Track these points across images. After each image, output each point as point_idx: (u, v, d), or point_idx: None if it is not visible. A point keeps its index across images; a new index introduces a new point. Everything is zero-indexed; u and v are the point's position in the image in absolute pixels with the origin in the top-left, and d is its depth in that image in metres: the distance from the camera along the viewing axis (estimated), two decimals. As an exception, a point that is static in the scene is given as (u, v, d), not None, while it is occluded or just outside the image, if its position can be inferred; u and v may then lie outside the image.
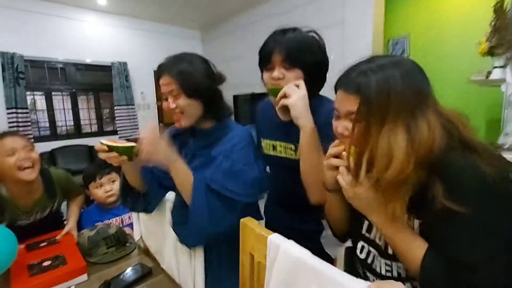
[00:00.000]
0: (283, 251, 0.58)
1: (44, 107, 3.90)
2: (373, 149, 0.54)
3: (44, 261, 1.00)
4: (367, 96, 0.55)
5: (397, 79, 0.53)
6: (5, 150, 1.10)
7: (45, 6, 3.66)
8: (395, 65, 0.56)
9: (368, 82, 0.55)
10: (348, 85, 0.59)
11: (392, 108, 0.53)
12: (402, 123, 0.52)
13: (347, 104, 0.59)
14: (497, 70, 2.01)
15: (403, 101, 0.53)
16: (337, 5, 3.20)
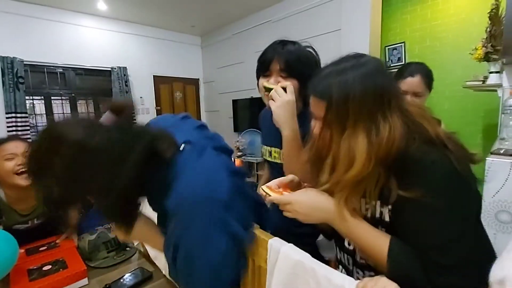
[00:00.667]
0: (283, 254, 0.58)
1: (43, 111, 3.90)
2: (335, 154, 0.57)
3: (44, 265, 0.99)
4: (329, 103, 0.56)
5: (357, 83, 0.54)
6: (4, 154, 1.12)
7: (45, 11, 3.68)
8: (357, 68, 0.56)
9: (329, 88, 0.56)
10: (315, 90, 0.61)
11: (351, 113, 0.54)
12: (362, 127, 0.54)
13: (317, 109, 0.61)
14: (493, 75, 2.04)
15: (363, 105, 0.54)
16: (334, 13, 3.24)
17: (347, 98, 0.54)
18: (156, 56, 4.85)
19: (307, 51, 0.96)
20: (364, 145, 0.53)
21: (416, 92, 1.17)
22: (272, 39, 3.27)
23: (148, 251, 1.14)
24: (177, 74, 5.16)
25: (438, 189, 0.51)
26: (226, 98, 4.95)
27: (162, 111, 5.03)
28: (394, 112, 0.55)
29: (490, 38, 1.95)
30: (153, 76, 4.85)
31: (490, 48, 1.96)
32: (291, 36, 3.64)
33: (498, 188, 1.12)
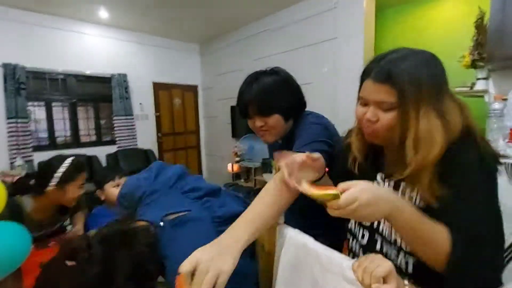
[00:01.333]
0: (289, 237, 0.65)
1: (44, 117, 3.95)
2: (415, 136, 0.58)
3: (55, 258, 1.04)
4: (400, 85, 0.58)
5: (423, 67, 0.59)
6: (81, 184, 1.26)
7: (48, 19, 3.77)
8: (418, 54, 0.61)
9: (399, 71, 0.58)
10: (377, 74, 0.61)
11: (424, 94, 0.57)
12: (433, 109, 0.58)
13: (378, 94, 0.61)
14: (480, 81, 2.14)
15: (432, 87, 0.58)
16: (330, 22, 3.36)
17: (419, 80, 0.57)
18: (155, 63, 4.94)
19: (279, 81, 0.97)
20: (439, 125, 0.57)
21: None
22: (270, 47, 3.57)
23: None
24: (176, 81, 5.25)
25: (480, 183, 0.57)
26: (225, 105, 5.03)
27: (161, 117, 5.10)
28: (449, 96, 0.61)
29: (476, 46, 2.06)
30: (153, 83, 4.94)
31: (477, 55, 2.07)
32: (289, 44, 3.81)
33: (483, 185, 1.20)
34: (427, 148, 0.57)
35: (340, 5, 3.24)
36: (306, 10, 3.60)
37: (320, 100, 3.43)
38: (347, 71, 3.23)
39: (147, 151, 4.68)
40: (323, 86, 3.46)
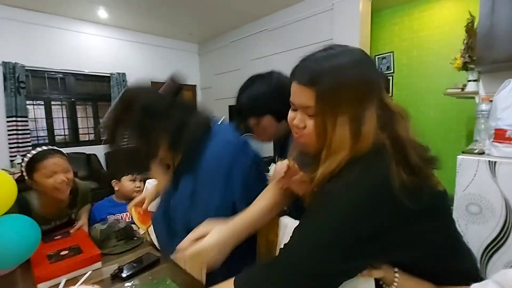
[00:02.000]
0: (290, 227, 0.71)
1: (43, 115, 3.98)
2: (329, 144, 0.52)
3: (61, 251, 1.09)
4: (321, 91, 0.51)
5: (349, 69, 0.51)
6: (45, 172, 1.20)
7: (48, 18, 3.80)
8: (347, 54, 0.54)
9: (320, 74, 0.51)
10: (302, 76, 0.55)
11: (344, 100, 0.51)
12: (350, 117, 0.51)
13: (301, 97, 0.55)
14: (471, 83, 2.21)
15: (355, 92, 0.51)
16: (326, 23, 3.42)
17: (341, 83, 0.50)
18: (154, 63, 4.98)
19: (276, 85, 1.06)
20: (347, 137, 0.51)
21: None
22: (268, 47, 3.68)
23: (153, 241, 1.25)
24: (174, 80, 5.28)
25: None
26: (223, 104, 5.08)
27: (160, 116, 5.14)
28: (376, 102, 0.53)
29: (467, 49, 2.13)
30: (151, 82, 4.95)
31: (468, 58, 2.13)
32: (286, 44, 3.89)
33: (468, 183, 1.26)
34: (329, 162, 0.52)
35: (336, 6, 3.30)
36: (303, 11, 3.66)
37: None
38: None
39: (145, 150, 4.72)
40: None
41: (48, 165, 1.20)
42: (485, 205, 1.23)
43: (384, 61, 4.06)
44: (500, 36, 1.66)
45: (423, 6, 3.65)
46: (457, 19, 3.30)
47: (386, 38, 4.02)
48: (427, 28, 3.64)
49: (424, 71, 3.66)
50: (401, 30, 3.88)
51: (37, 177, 1.20)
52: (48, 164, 1.20)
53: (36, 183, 1.21)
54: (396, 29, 3.92)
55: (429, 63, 3.64)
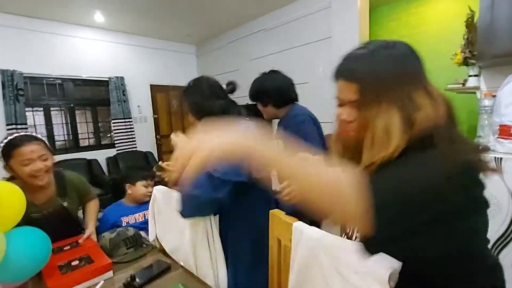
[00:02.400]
0: (306, 234, 0.71)
1: (43, 122, 3.97)
2: (373, 133, 0.55)
3: (72, 261, 1.09)
4: (362, 83, 0.56)
5: (391, 62, 0.56)
6: (21, 160, 1.17)
7: (45, 24, 3.78)
8: (387, 49, 0.57)
9: (361, 67, 0.57)
10: (343, 73, 0.61)
11: (386, 89, 0.54)
12: (396, 106, 0.54)
13: (346, 92, 0.60)
14: (472, 78, 2.21)
15: (397, 83, 0.55)
16: (325, 21, 3.42)
17: (380, 75, 0.55)
18: (152, 66, 4.97)
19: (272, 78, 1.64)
20: (398, 124, 0.53)
21: None
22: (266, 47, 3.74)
23: (164, 247, 1.25)
24: (173, 82, 5.28)
25: None
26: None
27: (159, 119, 5.13)
28: (422, 92, 0.55)
29: (467, 44, 2.13)
30: (150, 85, 4.96)
31: (468, 53, 2.13)
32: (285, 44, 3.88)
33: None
34: (379, 148, 0.54)
35: (334, 4, 3.30)
36: (301, 9, 3.64)
37: (317, 99, 3.48)
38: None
39: (146, 153, 4.71)
40: (319, 85, 3.51)
41: (25, 152, 1.17)
42: (492, 202, 1.23)
43: (383, 58, 4.06)
44: (501, 30, 1.67)
45: (419, 1, 3.65)
46: (455, 14, 3.30)
47: (384, 35, 4.02)
48: (424, 24, 3.65)
49: (423, 66, 3.67)
50: (398, 27, 3.88)
51: (13, 164, 1.18)
52: (24, 152, 1.17)
53: (13, 170, 1.20)
54: (394, 25, 3.92)
55: (427, 58, 3.53)
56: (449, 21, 3.40)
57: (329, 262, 0.65)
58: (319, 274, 0.68)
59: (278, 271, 0.87)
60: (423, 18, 3.64)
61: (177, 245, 1.14)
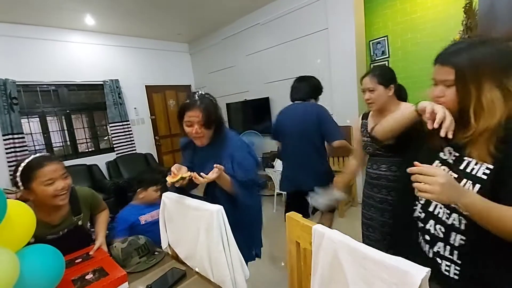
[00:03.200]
0: (328, 237, 0.70)
1: (39, 130, 3.91)
2: (476, 107, 0.72)
3: (86, 274, 1.08)
4: (458, 65, 0.74)
5: (488, 52, 0.73)
6: (45, 180, 1.15)
7: (34, 30, 3.69)
8: (483, 43, 0.75)
9: (459, 52, 0.75)
10: (442, 58, 0.79)
11: (485, 73, 0.71)
12: (495, 85, 0.71)
13: (442, 74, 0.78)
14: (471, 64, 2.20)
15: (495, 68, 0.71)
16: (320, 13, 3.37)
17: (478, 63, 0.72)
18: (146, 66, 4.90)
19: None
20: (499, 99, 0.71)
21: (368, 88, 1.40)
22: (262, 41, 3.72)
23: (178, 254, 1.24)
24: (168, 82, 5.22)
25: None
26: (219, 102, 5.01)
27: (157, 120, 5.09)
28: None
29: (466, 30, 2.11)
30: (145, 86, 4.90)
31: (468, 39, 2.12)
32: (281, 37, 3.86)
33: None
34: (487, 118, 0.71)
35: (328, -6, 3.25)
36: (296, 2, 3.59)
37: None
38: (340, 60, 3.27)
39: (146, 155, 4.68)
40: (317, 77, 3.48)
41: (47, 172, 1.16)
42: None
43: (379, 46, 4.04)
44: (502, 14, 1.64)
45: (413, -13, 3.60)
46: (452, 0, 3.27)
47: (380, 23, 3.98)
48: (420, 10, 3.61)
49: (419, 53, 3.64)
50: (394, 14, 3.84)
51: (36, 186, 1.15)
52: (47, 172, 1.16)
53: (35, 192, 1.16)
54: (389, 13, 3.88)
55: (424, 44, 3.62)
56: (444, 5, 3.36)
57: (354, 269, 0.64)
58: (343, 280, 0.67)
59: (298, 274, 0.87)
60: (419, 4, 3.60)
61: (191, 251, 1.13)
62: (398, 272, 0.57)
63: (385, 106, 1.39)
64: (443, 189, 0.64)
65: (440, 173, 0.65)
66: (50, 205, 1.21)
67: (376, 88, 1.38)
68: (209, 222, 1.01)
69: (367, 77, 1.43)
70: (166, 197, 1.24)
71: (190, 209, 1.11)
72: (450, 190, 0.65)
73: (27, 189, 1.16)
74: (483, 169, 0.72)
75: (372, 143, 1.40)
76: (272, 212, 3.51)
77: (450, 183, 0.65)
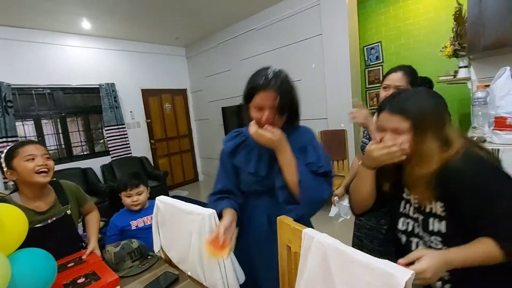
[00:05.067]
0: (317, 240, 0.71)
1: (34, 133, 3.89)
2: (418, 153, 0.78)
3: (78, 278, 1.08)
4: (414, 117, 0.78)
5: (429, 102, 0.80)
6: (25, 156, 1.21)
7: (30, 34, 3.69)
8: (423, 91, 0.85)
9: (409, 105, 0.80)
10: (393, 107, 0.82)
11: (430, 124, 0.78)
12: (435, 135, 0.78)
13: (393, 122, 0.81)
14: (462, 69, 2.24)
15: (435, 116, 0.79)
16: (315, 19, 3.42)
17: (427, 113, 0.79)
18: (142, 70, 4.91)
19: None
20: (436, 148, 0.77)
21: (396, 85, 1.25)
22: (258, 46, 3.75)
23: (170, 258, 1.24)
24: (164, 85, 5.23)
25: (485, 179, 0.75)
26: (216, 106, 5.05)
27: (153, 124, 5.09)
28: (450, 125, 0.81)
29: (456, 37, 2.16)
30: (141, 89, 4.91)
31: (458, 46, 2.16)
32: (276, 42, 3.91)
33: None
34: (424, 166, 0.78)
35: (323, 1, 3.30)
36: (291, 8, 3.64)
37: (310, 96, 3.50)
38: (335, 65, 3.31)
39: (141, 159, 4.67)
40: (312, 82, 3.53)
41: (28, 149, 1.22)
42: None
43: (373, 52, 4.09)
44: (490, 22, 1.69)
45: (406, -6, 3.67)
46: (442, 5, 3.33)
47: (374, 29, 4.04)
48: (412, 16, 3.67)
49: (412, 58, 3.70)
50: (387, 20, 3.91)
51: (17, 162, 1.20)
52: (27, 149, 1.22)
53: (16, 170, 1.20)
54: (382, 19, 3.94)
55: (417, 50, 3.68)
56: (436, 12, 3.43)
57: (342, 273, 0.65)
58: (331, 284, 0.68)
59: (289, 278, 0.88)
60: (411, 10, 3.66)
61: (184, 255, 1.13)
62: (383, 274, 0.58)
63: None
64: (433, 278, 0.69)
65: (424, 268, 0.68)
66: (34, 186, 1.24)
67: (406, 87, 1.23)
68: (202, 225, 1.02)
69: (399, 72, 1.28)
70: (159, 200, 1.24)
71: (183, 213, 1.12)
72: (437, 274, 0.70)
73: (10, 168, 1.22)
74: (438, 206, 0.81)
75: None
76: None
77: (434, 271, 0.68)
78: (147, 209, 1.70)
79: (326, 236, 0.72)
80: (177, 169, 5.51)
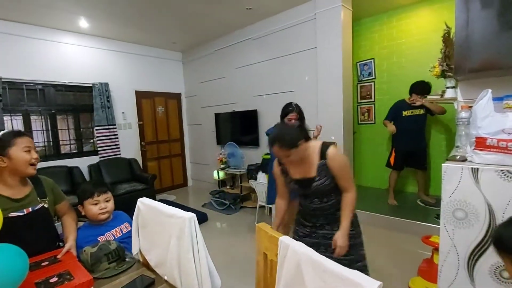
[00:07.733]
0: (292, 249, 0.71)
1: (22, 128, 3.81)
2: None
3: (50, 278, 1.05)
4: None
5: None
6: (23, 146, 1.26)
7: (26, 29, 3.67)
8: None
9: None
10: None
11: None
12: None
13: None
14: (449, 90, 2.31)
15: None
16: (310, 32, 3.49)
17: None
18: (137, 72, 4.90)
19: None
20: None
21: None
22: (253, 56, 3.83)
23: (148, 261, 1.22)
24: (159, 89, 5.23)
25: None
26: (209, 112, 5.06)
27: (144, 126, 5.06)
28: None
29: (444, 58, 2.22)
30: (135, 91, 4.89)
31: (445, 66, 2.23)
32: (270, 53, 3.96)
33: (453, 189, 1.32)
34: None
35: (319, 16, 3.37)
36: (287, 20, 3.71)
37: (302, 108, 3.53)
38: (328, 78, 3.36)
39: (130, 160, 4.62)
40: (305, 93, 3.57)
41: (25, 141, 1.27)
42: (470, 210, 1.28)
43: (366, 68, 4.19)
44: (476, 46, 1.75)
45: (400, 15, 3.79)
46: (433, 28, 3.45)
47: (367, 46, 4.15)
48: (405, 36, 3.79)
49: (404, 76, 3.79)
50: (380, 38, 4.02)
51: (14, 152, 1.23)
52: (25, 141, 1.28)
53: (10, 158, 1.23)
54: (376, 36, 4.05)
55: (408, 69, 3.78)
56: (428, 33, 3.55)
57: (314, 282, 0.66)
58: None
59: (265, 286, 0.87)
60: (404, 30, 3.78)
61: (162, 258, 1.12)
62: (352, 285, 0.59)
63: None
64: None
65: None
66: (20, 175, 1.27)
67: None
68: (181, 229, 1.01)
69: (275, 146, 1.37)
70: (141, 202, 1.23)
71: (164, 216, 1.11)
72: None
73: (2, 155, 1.23)
74: None
75: None
76: (254, 225, 3.49)
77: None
78: (113, 221, 1.53)
79: (302, 244, 0.73)
80: (166, 173, 5.45)
